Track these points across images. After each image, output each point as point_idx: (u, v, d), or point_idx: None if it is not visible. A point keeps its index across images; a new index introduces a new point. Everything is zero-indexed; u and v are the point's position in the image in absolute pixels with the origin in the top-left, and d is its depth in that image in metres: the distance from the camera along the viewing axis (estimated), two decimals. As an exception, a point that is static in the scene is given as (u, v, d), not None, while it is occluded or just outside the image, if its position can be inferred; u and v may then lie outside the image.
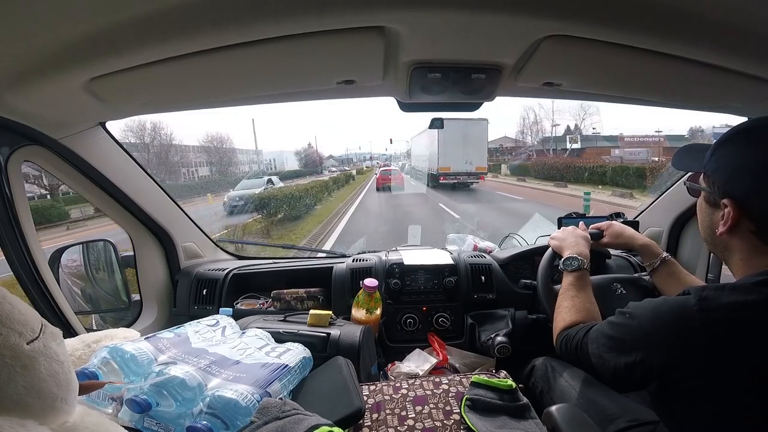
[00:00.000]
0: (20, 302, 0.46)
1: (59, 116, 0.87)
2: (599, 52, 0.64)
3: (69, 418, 0.48)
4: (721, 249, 0.64)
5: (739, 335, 0.51)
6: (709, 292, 0.55)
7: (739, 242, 0.59)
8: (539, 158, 23.17)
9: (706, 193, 0.64)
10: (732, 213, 0.57)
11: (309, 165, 36.94)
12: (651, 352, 0.58)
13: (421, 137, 16.59)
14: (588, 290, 0.87)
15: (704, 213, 0.66)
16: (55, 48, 0.58)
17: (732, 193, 0.58)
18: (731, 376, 0.51)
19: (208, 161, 28.61)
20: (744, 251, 0.59)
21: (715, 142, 0.62)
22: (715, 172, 0.61)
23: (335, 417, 0.67)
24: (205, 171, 27.94)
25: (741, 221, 0.57)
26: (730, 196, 0.58)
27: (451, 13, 0.55)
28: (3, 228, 0.92)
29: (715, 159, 0.61)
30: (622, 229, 1.01)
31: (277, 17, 0.54)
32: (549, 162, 19.43)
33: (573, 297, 0.85)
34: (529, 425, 0.76)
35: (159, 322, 1.33)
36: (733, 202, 0.57)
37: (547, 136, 28.74)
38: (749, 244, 0.58)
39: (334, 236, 6.80)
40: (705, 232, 0.67)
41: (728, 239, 0.60)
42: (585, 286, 0.88)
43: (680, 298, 0.58)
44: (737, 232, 0.59)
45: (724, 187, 0.59)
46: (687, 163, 0.72)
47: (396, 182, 15.76)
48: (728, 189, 0.59)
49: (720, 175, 0.60)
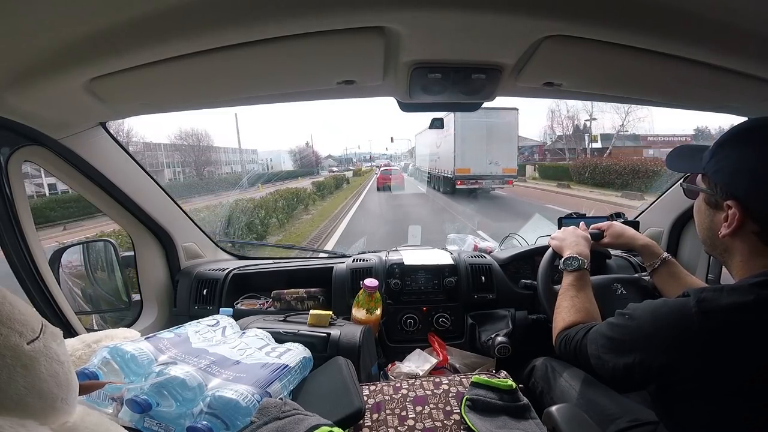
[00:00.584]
0: (21, 302, 0.46)
1: (60, 116, 0.87)
2: (599, 52, 0.64)
3: (69, 418, 0.48)
4: (720, 251, 0.64)
5: (736, 337, 0.51)
6: (708, 293, 0.55)
7: (741, 244, 0.59)
8: (586, 159, 17.96)
9: (707, 195, 0.64)
10: (737, 214, 0.57)
11: (306, 165, 35.41)
12: (650, 353, 0.58)
13: (429, 133, 13.97)
14: (588, 290, 0.87)
15: (704, 214, 0.66)
16: (56, 48, 0.58)
17: (736, 195, 0.57)
18: (729, 378, 0.51)
19: (180, 161, 25.83)
20: (745, 253, 0.59)
21: (715, 143, 0.62)
22: (717, 174, 0.60)
23: (335, 417, 0.67)
24: (170, 173, 24.17)
25: (745, 222, 0.57)
26: (734, 197, 0.57)
27: (451, 13, 0.55)
28: (3, 228, 0.92)
29: (716, 160, 0.60)
30: (622, 230, 1.00)
31: (278, 17, 0.54)
32: (602, 163, 14.37)
33: (572, 297, 0.85)
34: (529, 425, 0.76)
35: (159, 322, 1.33)
36: (737, 203, 0.57)
37: (581, 133, 23.27)
38: (750, 246, 0.58)
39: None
40: (704, 234, 0.67)
41: (730, 241, 0.60)
42: (585, 286, 0.87)
43: (679, 300, 0.57)
44: (740, 233, 0.58)
45: (727, 188, 0.59)
46: (683, 165, 0.71)
47: (396, 182, 16.04)
48: (732, 190, 0.58)
49: (722, 177, 0.60)
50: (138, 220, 1.29)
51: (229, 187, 15.62)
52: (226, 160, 32.57)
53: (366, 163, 46.06)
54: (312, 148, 42.66)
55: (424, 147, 15.96)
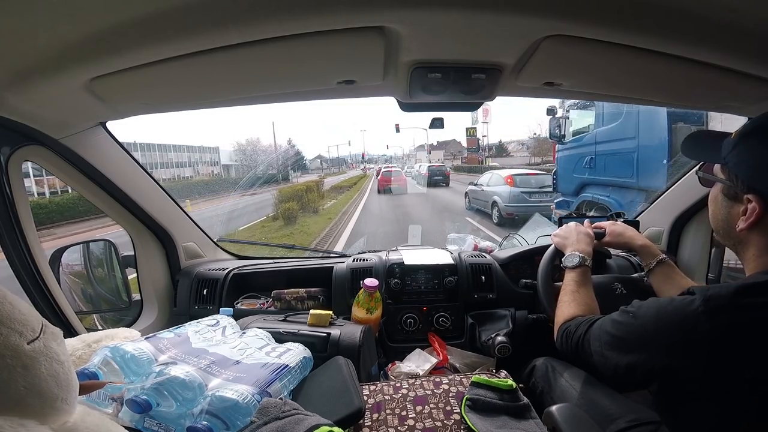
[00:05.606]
0: (21, 302, 0.46)
1: (60, 116, 0.87)
2: (600, 52, 0.64)
3: (69, 418, 0.48)
4: (734, 242, 0.63)
5: (744, 335, 0.50)
6: (715, 291, 0.53)
7: (758, 237, 0.58)
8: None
9: (725, 186, 0.62)
10: (757, 209, 0.56)
11: (279, 168, 24.60)
12: (652, 354, 0.57)
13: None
14: (589, 286, 0.87)
15: (720, 205, 0.64)
16: (56, 48, 0.58)
17: (758, 189, 0.56)
18: (737, 378, 0.50)
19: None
20: (760, 247, 0.58)
21: (738, 134, 0.60)
22: (739, 166, 0.59)
23: (335, 417, 0.67)
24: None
25: (764, 217, 0.56)
26: (756, 191, 0.56)
27: (451, 13, 0.55)
28: (3, 228, 0.92)
29: (738, 152, 0.59)
30: (623, 229, 1.00)
31: (278, 17, 0.54)
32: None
33: (573, 292, 0.85)
34: (529, 425, 0.76)
35: (159, 322, 1.33)
36: (759, 198, 0.56)
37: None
38: (767, 240, 0.57)
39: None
40: (718, 225, 0.65)
41: (746, 234, 0.59)
42: (586, 282, 0.87)
43: (685, 299, 0.56)
44: (757, 227, 0.57)
45: (749, 181, 0.57)
46: (701, 153, 0.69)
47: (398, 184, 15.33)
48: (754, 184, 0.57)
49: (745, 170, 0.58)
50: (138, 220, 1.29)
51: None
52: (163, 161, 25.83)
53: (361, 164, 39.74)
54: (276, 145, 33.75)
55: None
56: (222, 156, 35.25)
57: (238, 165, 32.30)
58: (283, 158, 25.95)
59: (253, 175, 20.28)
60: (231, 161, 34.14)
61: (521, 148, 41.49)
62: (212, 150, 35.17)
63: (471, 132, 33.61)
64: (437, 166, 21.05)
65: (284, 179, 22.22)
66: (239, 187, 17.38)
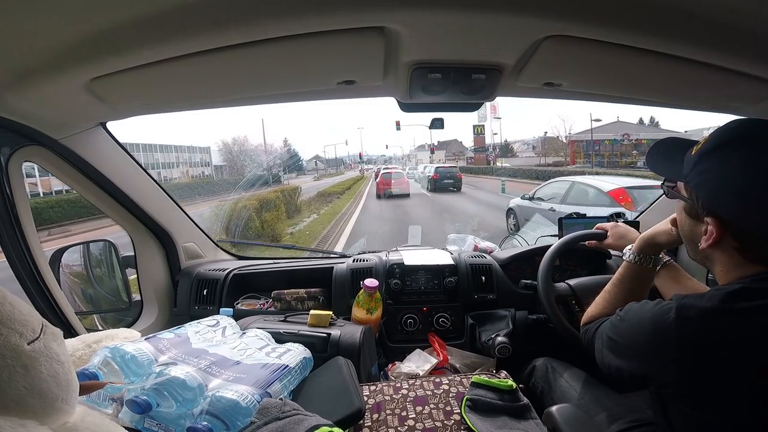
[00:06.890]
0: (21, 303, 0.46)
1: (60, 116, 0.87)
2: (600, 52, 0.64)
3: (69, 418, 0.48)
4: (701, 258, 0.63)
5: (710, 344, 0.51)
6: (689, 299, 0.54)
7: (721, 255, 0.58)
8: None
9: (688, 205, 0.62)
10: (715, 233, 0.55)
11: (268, 170, 21.27)
12: (632, 359, 0.59)
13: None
14: (628, 284, 0.82)
15: (685, 223, 0.64)
16: (56, 48, 0.58)
17: (717, 212, 0.55)
18: (707, 386, 0.51)
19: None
20: (725, 264, 0.58)
21: (698, 152, 0.58)
22: (699, 187, 0.57)
23: (335, 417, 0.67)
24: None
25: (724, 238, 0.55)
26: (714, 215, 0.55)
27: (451, 13, 0.55)
28: (3, 228, 0.92)
29: (698, 172, 0.57)
30: (626, 231, 1.00)
31: (278, 17, 0.54)
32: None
33: (607, 291, 0.84)
34: (529, 425, 0.75)
35: (159, 322, 1.33)
36: (716, 221, 0.55)
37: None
38: (730, 258, 0.56)
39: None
40: (685, 240, 0.66)
41: (710, 251, 0.59)
42: (629, 279, 0.83)
43: (662, 307, 0.56)
44: (719, 246, 0.57)
45: (708, 204, 0.56)
46: (664, 168, 0.68)
47: (400, 187, 14.22)
48: (712, 207, 0.55)
49: (704, 191, 0.57)
50: (138, 220, 1.29)
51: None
52: (155, 161, 24.03)
53: (359, 164, 37.09)
54: (265, 145, 30.74)
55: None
56: (213, 156, 33.54)
57: (231, 166, 30.68)
58: (273, 159, 24.03)
59: (239, 177, 18.53)
60: (225, 162, 32.19)
61: (526, 148, 40.89)
62: (203, 150, 33.78)
63: (478, 130, 31.71)
64: (446, 167, 18.89)
65: (275, 181, 19.52)
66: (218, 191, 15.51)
